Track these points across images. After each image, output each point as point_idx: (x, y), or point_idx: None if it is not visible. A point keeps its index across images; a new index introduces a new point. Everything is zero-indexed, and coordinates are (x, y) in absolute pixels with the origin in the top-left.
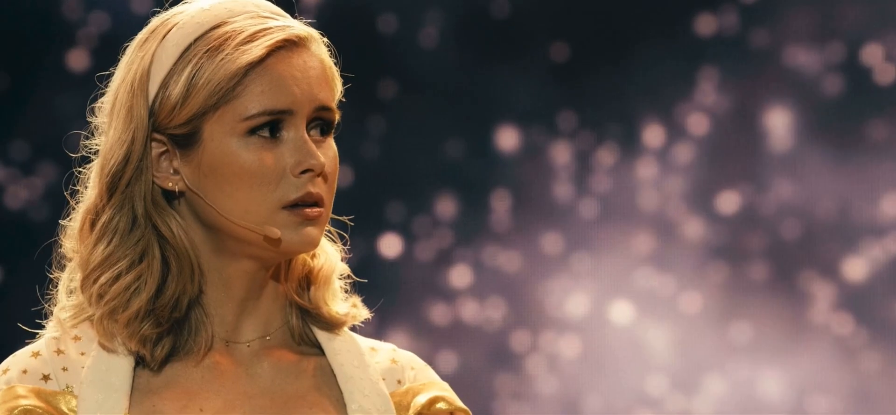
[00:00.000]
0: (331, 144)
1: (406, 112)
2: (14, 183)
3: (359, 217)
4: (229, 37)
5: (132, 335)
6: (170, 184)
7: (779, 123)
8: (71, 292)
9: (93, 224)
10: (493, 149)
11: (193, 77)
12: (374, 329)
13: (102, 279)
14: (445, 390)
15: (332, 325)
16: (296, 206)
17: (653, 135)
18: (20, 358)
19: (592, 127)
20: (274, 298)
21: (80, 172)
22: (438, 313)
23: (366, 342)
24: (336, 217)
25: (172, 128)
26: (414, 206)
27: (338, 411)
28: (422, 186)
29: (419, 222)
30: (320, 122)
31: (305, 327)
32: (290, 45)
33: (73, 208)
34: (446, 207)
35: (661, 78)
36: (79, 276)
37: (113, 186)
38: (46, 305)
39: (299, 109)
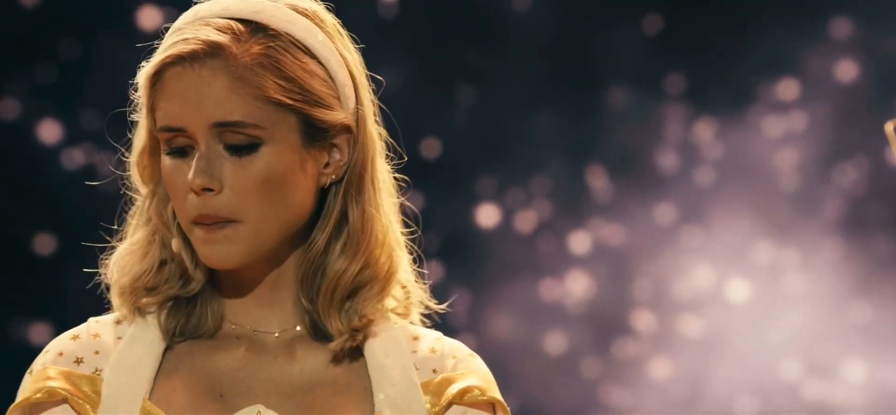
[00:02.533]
0: (252, 159)
1: (502, 79)
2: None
3: (453, 187)
4: (162, 43)
5: (133, 301)
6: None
7: None
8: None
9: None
10: (597, 114)
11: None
12: (468, 307)
13: (120, 250)
14: (480, 380)
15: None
16: (197, 223)
17: (772, 99)
18: (60, 340)
19: (703, 91)
20: (293, 295)
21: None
22: (539, 289)
23: (411, 330)
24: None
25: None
26: (511, 176)
27: (365, 400)
28: (521, 153)
29: (516, 193)
30: (231, 138)
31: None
32: (182, 61)
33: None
34: (545, 177)
35: (783, 41)
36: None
37: (136, 174)
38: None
39: (192, 127)
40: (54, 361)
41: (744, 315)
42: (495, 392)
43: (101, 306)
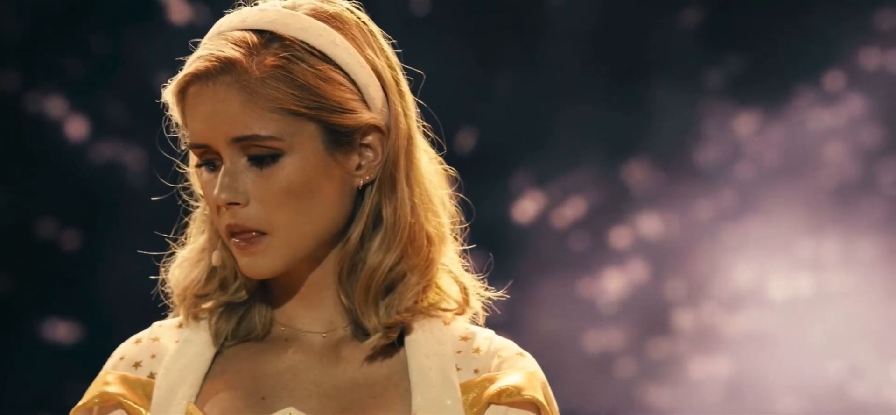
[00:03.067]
0: (274, 170)
1: (540, 69)
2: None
3: (490, 180)
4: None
5: (188, 307)
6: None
7: None
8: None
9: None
10: (638, 107)
11: None
12: (506, 304)
13: (180, 256)
14: (522, 379)
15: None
16: (231, 235)
17: (816, 92)
18: (125, 345)
19: (746, 84)
20: (338, 295)
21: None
22: (577, 286)
23: (461, 330)
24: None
25: None
26: (549, 169)
27: (403, 403)
28: (559, 146)
29: (555, 187)
30: (251, 151)
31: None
32: (198, 79)
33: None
34: (586, 168)
35: (829, 32)
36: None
37: (194, 182)
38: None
39: (214, 144)
40: (115, 365)
41: (786, 313)
42: (537, 391)
43: (127, 305)
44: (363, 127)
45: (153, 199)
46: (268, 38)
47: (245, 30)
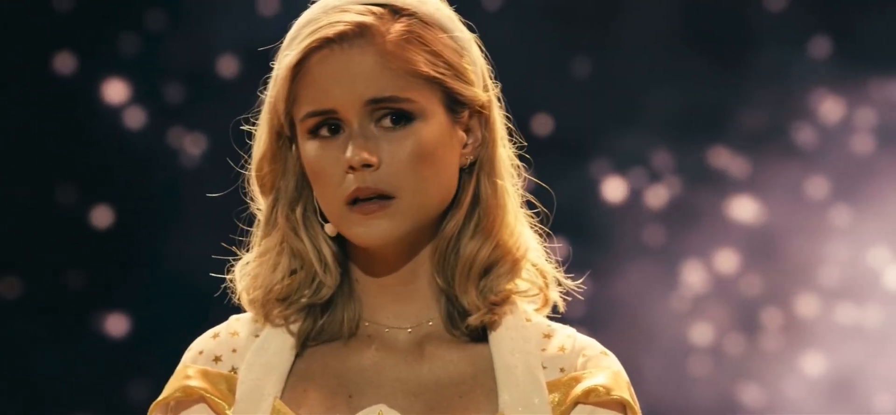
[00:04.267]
0: (407, 132)
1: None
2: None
3: (576, 158)
4: (290, 38)
5: (267, 313)
6: (303, 173)
7: None
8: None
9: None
10: (735, 83)
11: (274, 78)
12: (587, 294)
13: (248, 261)
14: (608, 379)
15: (485, 312)
16: (353, 202)
17: None
18: (203, 338)
19: (849, 56)
20: (429, 285)
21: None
22: (669, 274)
23: (543, 327)
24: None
25: (285, 127)
26: (635, 150)
27: (489, 401)
28: (644, 129)
29: (642, 170)
30: (386, 112)
31: (463, 314)
32: (329, 43)
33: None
34: (672, 151)
35: None
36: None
37: (256, 185)
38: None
39: (344, 108)
40: (194, 359)
41: (888, 305)
42: (623, 391)
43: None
44: (476, 102)
45: (209, 195)
46: (390, 8)
47: (364, 3)
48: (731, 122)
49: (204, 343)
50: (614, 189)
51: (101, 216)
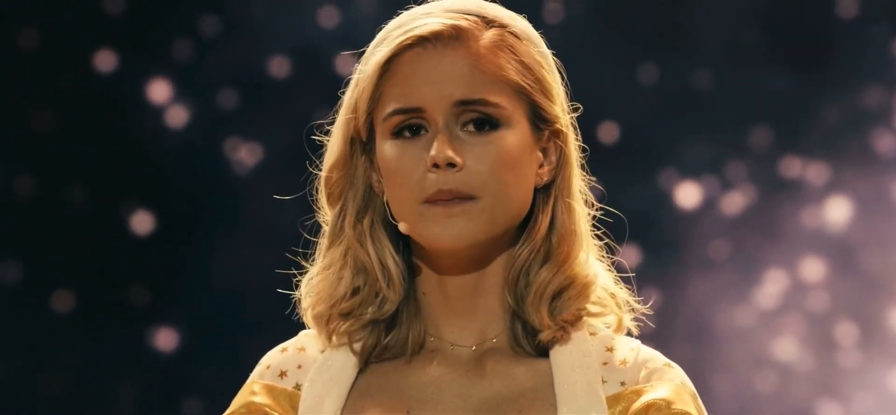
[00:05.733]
0: (491, 138)
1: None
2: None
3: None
4: (378, 40)
5: (330, 329)
6: (371, 185)
7: None
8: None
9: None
10: (811, 86)
11: (358, 80)
12: (659, 306)
13: (313, 274)
14: (670, 392)
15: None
16: (433, 202)
17: None
18: (271, 353)
19: None
20: (495, 301)
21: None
22: (741, 286)
23: (607, 339)
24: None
25: (363, 130)
26: (710, 157)
27: None
28: (719, 134)
29: (715, 177)
30: (473, 116)
31: (529, 331)
32: (422, 42)
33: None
34: (747, 159)
35: None
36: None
37: (325, 193)
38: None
39: (431, 107)
40: (261, 374)
41: None
42: (687, 405)
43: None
44: (559, 120)
45: (276, 197)
46: (484, 19)
47: (455, 11)
48: (808, 128)
49: (272, 357)
50: (687, 196)
51: (145, 224)
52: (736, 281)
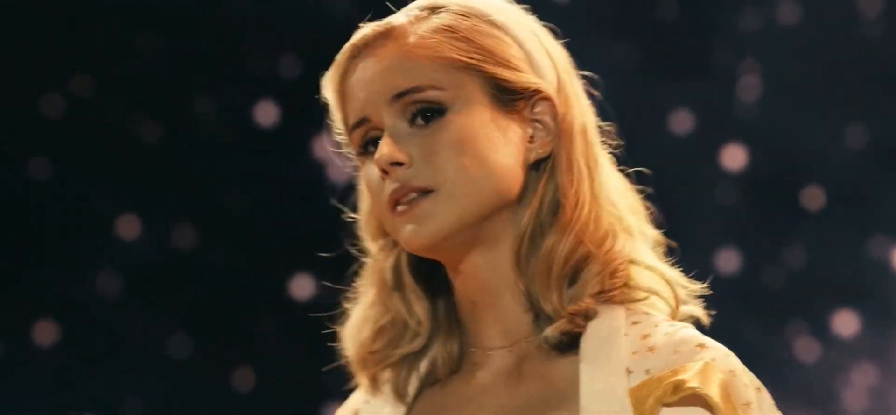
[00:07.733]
0: (439, 125)
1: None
2: None
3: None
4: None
5: (367, 372)
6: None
7: None
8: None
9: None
10: None
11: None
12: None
13: (353, 316)
14: (689, 375)
15: (578, 315)
16: (394, 206)
17: None
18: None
19: None
20: (520, 295)
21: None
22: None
23: (645, 327)
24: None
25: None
26: None
27: None
28: None
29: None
30: (415, 107)
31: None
32: (356, 52)
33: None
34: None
35: None
36: None
37: (366, 233)
38: None
39: (372, 112)
40: None
41: None
42: (708, 386)
43: None
44: (531, 89)
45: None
46: (432, 8)
47: (406, 10)
48: None
49: (349, 402)
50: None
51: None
52: None
